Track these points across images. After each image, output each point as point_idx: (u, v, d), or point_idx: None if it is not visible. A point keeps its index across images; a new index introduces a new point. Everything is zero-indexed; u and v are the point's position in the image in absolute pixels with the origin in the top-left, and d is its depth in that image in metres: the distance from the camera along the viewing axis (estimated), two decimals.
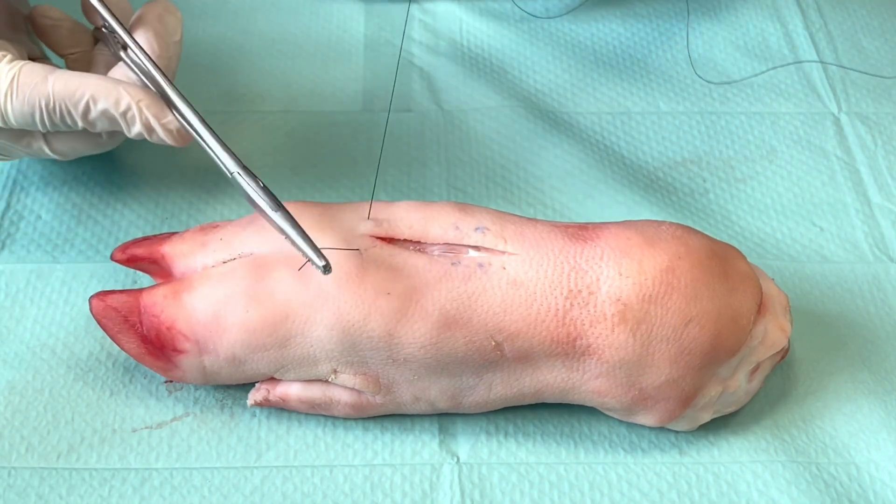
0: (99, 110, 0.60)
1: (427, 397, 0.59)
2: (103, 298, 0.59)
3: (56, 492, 0.58)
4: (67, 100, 0.59)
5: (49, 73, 0.60)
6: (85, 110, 0.60)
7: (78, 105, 0.60)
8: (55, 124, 0.61)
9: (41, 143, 0.63)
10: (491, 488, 0.59)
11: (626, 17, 0.86)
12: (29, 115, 0.60)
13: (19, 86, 0.59)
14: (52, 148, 0.64)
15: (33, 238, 0.69)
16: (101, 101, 0.60)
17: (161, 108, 0.61)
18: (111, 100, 0.60)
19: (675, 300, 0.57)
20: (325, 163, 0.74)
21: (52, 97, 0.59)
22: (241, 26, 0.84)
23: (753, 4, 0.87)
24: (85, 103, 0.60)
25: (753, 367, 0.60)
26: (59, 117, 0.60)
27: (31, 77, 0.59)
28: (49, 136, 0.63)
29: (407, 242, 0.59)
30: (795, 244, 0.71)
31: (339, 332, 0.56)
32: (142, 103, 0.60)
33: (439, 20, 0.85)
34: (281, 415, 0.61)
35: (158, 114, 0.61)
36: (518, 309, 0.57)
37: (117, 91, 0.60)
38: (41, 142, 0.63)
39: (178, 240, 0.61)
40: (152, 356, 0.59)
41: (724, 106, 0.80)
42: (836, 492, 0.59)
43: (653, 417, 0.59)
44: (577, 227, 0.60)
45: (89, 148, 0.65)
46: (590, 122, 0.78)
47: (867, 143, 0.77)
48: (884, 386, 0.64)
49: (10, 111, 0.60)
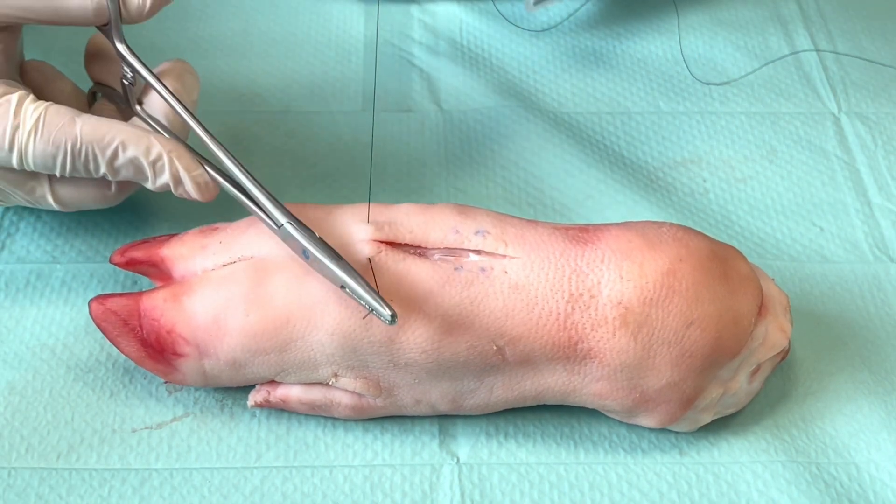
0: (128, 157, 0.59)
1: (428, 400, 0.59)
2: (103, 302, 0.59)
3: (56, 492, 0.58)
4: (96, 143, 0.58)
5: (76, 115, 0.58)
6: (112, 156, 0.59)
7: (106, 150, 0.58)
8: (76, 168, 0.59)
9: (45, 190, 0.62)
10: (491, 489, 0.59)
11: (626, 17, 0.86)
12: (51, 156, 0.58)
13: (45, 125, 0.58)
14: (55, 195, 0.62)
15: (33, 238, 0.69)
16: (130, 148, 0.59)
17: (191, 160, 0.60)
18: (142, 147, 0.59)
19: (676, 303, 0.57)
20: (325, 163, 0.74)
21: (80, 139, 0.58)
22: (241, 26, 0.84)
23: (753, 4, 0.87)
24: (114, 149, 0.58)
25: (754, 369, 0.60)
26: (83, 161, 0.59)
27: (59, 118, 0.58)
28: (56, 184, 0.62)
29: (408, 247, 0.59)
30: (795, 244, 0.71)
31: (339, 336, 0.56)
32: (173, 153, 0.59)
33: (439, 20, 0.85)
34: (281, 415, 0.61)
35: (189, 166, 0.60)
36: (519, 313, 0.56)
37: (148, 139, 0.59)
38: (46, 188, 0.62)
39: (178, 242, 0.61)
40: (152, 360, 0.59)
41: (724, 106, 0.80)
42: (836, 492, 0.59)
43: (654, 419, 0.59)
44: (578, 228, 0.60)
45: (94, 200, 0.63)
46: (590, 122, 0.78)
47: (867, 143, 0.77)
48: (884, 386, 0.64)
49: (32, 151, 0.58)
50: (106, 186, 0.63)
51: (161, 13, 0.64)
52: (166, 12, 0.82)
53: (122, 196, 0.64)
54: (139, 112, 0.63)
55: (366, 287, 0.54)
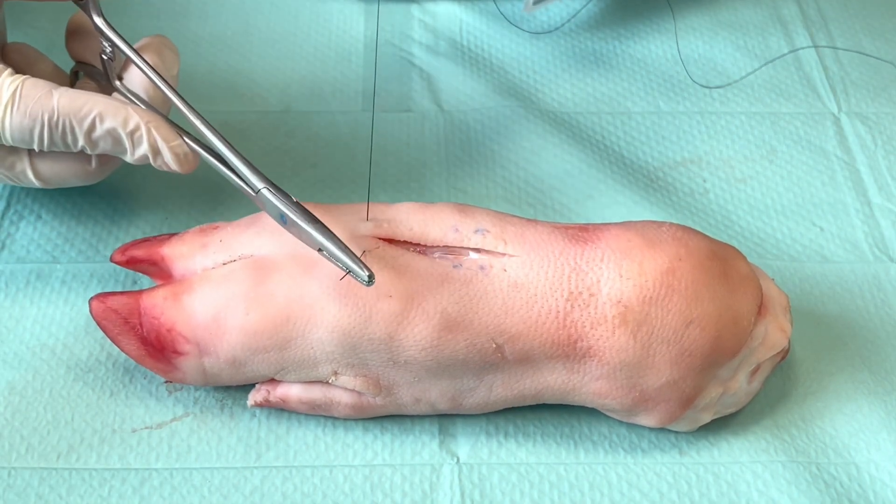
0: (105, 128, 0.59)
1: (427, 399, 0.59)
2: (103, 300, 0.59)
3: (56, 492, 0.58)
4: (73, 115, 0.58)
5: (53, 88, 0.59)
6: (90, 127, 0.59)
7: (83, 121, 0.58)
8: (53, 142, 0.59)
9: (25, 165, 0.61)
10: (491, 488, 0.59)
11: (626, 17, 0.86)
12: (28, 129, 0.58)
13: (22, 98, 0.58)
14: (36, 171, 0.62)
15: (33, 238, 0.69)
16: (108, 119, 0.59)
17: (170, 131, 0.60)
18: (119, 118, 0.59)
19: (675, 302, 0.57)
20: (325, 163, 0.74)
21: (57, 112, 0.58)
22: (241, 26, 0.84)
23: (753, 4, 0.87)
24: (91, 120, 0.58)
25: (754, 368, 0.60)
26: (60, 133, 0.59)
27: (35, 90, 0.58)
28: (35, 158, 0.61)
29: (408, 244, 0.59)
30: (795, 244, 0.71)
31: (339, 334, 0.56)
32: (151, 124, 0.59)
33: (439, 20, 0.85)
34: (281, 415, 0.61)
35: (167, 136, 0.60)
36: (519, 311, 0.57)
37: (126, 110, 0.59)
38: (26, 163, 0.61)
39: (178, 241, 0.61)
40: (152, 358, 0.59)
41: (724, 106, 0.80)
42: (836, 492, 0.59)
43: (653, 418, 0.59)
44: (578, 228, 0.60)
45: (75, 175, 0.63)
46: (590, 122, 0.78)
47: (867, 143, 0.77)
48: (884, 386, 0.64)
49: (8, 125, 0.58)
50: (86, 161, 0.62)
51: (160, 12, 0.64)
52: (166, 11, 0.83)
53: (104, 173, 0.64)
54: (119, 88, 0.63)
55: (344, 248, 0.54)
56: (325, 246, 0.55)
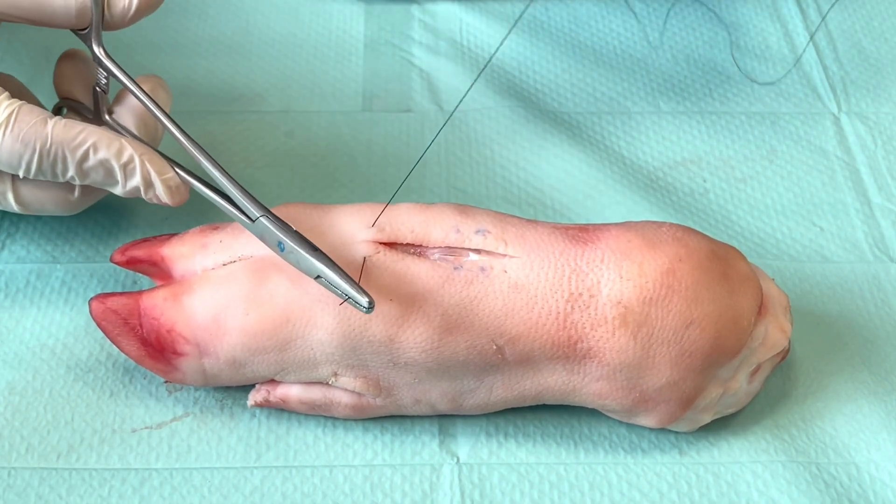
0: (98, 159, 0.59)
1: (428, 399, 0.59)
2: (103, 301, 0.59)
3: (56, 492, 0.58)
4: (66, 144, 0.58)
5: (48, 116, 0.59)
6: (83, 157, 0.59)
7: (77, 151, 0.58)
8: (42, 170, 0.59)
9: (7, 188, 0.61)
10: (491, 489, 0.59)
11: (626, 17, 0.86)
12: (18, 154, 0.58)
13: (17, 122, 0.58)
14: (17, 196, 0.62)
15: (33, 238, 0.69)
16: (102, 150, 0.59)
17: (163, 165, 0.60)
18: (113, 150, 0.59)
19: (675, 303, 0.57)
20: (325, 163, 0.74)
21: (51, 139, 0.58)
22: (241, 26, 0.84)
23: (753, 4, 0.87)
24: (84, 150, 0.58)
25: (754, 369, 0.60)
26: (51, 161, 0.58)
27: (31, 116, 0.58)
28: (19, 183, 0.61)
29: (408, 247, 0.59)
30: (795, 244, 0.71)
31: (339, 336, 0.56)
32: (144, 157, 0.60)
33: (439, 20, 0.85)
34: (281, 415, 0.61)
35: (160, 169, 0.60)
36: (519, 312, 0.57)
37: (120, 142, 0.59)
38: (8, 186, 0.61)
39: (178, 242, 0.61)
40: (152, 359, 0.59)
41: (724, 106, 0.80)
42: (836, 492, 0.59)
43: (653, 419, 0.59)
44: (578, 228, 0.60)
45: (56, 204, 0.63)
46: (590, 122, 0.78)
47: (867, 143, 0.77)
48: (884, 386, 0.64)
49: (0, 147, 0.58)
50: (69, 191, 0.62)
51: (160, 12, 0.64)
52: (165, 11, 0.83)
53: (84, 204, 0.64)
54: (108, 122, 0.63)
55: (343, 276, 0.54)
56: (324, 273, 0.55)
